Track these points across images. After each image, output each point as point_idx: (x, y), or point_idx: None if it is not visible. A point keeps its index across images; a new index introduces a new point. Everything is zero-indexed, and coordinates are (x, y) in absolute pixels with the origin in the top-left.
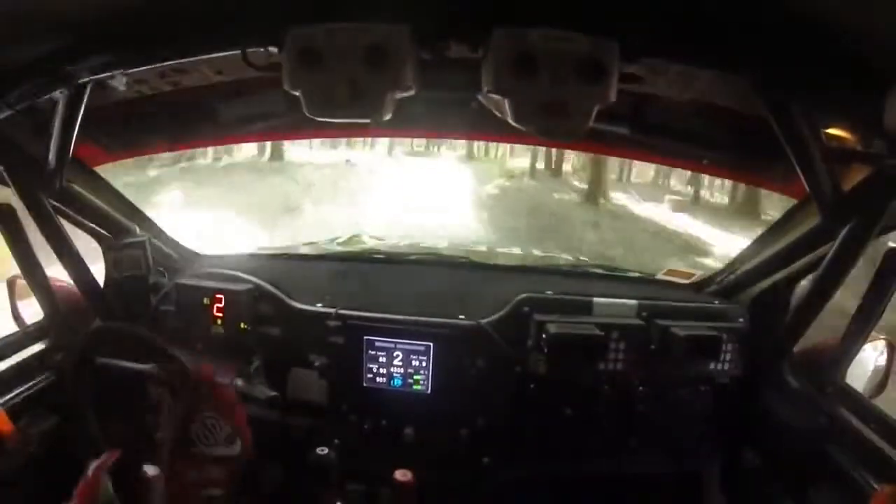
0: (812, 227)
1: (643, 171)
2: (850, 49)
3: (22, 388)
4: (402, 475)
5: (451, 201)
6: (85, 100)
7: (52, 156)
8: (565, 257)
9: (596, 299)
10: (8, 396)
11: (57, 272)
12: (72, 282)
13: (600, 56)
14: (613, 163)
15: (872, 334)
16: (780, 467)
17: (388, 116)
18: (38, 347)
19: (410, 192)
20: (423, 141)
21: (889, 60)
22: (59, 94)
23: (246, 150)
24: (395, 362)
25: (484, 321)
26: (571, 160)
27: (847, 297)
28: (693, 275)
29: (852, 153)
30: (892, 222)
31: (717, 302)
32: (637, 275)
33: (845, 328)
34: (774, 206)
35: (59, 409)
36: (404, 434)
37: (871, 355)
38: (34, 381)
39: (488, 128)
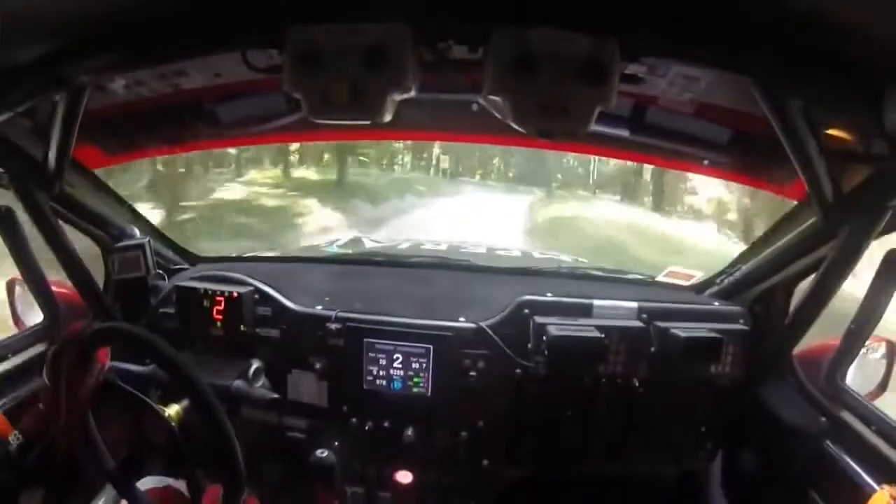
0: (812, 228)
1: None
2: (851, 49)
3: (22, 390)
4: (402, 476)
5: None
6: (84, 102)
7: (51, 158)
8: (565, 259)
9: (596, 301)
10: (7, 398)
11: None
12: (71, 284)
13: (601, 56)
14: None
15: (872, 335)
16: (780, 468)
17: (388, 118)
18: (37, 349)
19: None
20: None
21: (889, 60)
22: (59, 96)
23: None
24: (396, 365)
25: (484, 323)
26: None
27: None
28: (693, 276)
29: (852, 153)
30: (893, 223)
31: (717, 303)
32: (637, 277)
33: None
34: None
35: (58, 412)
36: (404, 436)
37: (872, 357)
38: (34, 383)
39: (489, 130)
